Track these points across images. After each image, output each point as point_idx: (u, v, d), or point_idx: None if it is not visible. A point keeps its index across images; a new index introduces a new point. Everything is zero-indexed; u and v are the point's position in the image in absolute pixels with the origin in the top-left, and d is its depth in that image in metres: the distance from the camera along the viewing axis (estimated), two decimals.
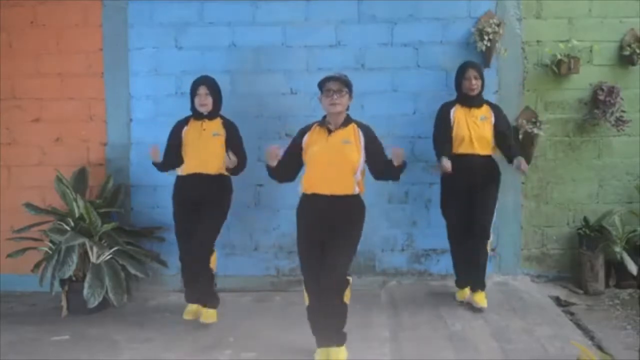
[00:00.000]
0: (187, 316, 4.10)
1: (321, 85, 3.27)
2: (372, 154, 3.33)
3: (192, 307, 4.12)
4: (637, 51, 4.56)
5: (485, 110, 4.13)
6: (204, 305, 4.05)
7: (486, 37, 4.43)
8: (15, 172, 4.87)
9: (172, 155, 4.07)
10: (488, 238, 4.15)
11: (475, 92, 4.08)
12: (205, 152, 3.98)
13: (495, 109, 4.18)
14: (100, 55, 4.74)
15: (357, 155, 3.27)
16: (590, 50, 4.66)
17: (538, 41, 4.67)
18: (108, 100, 4.76)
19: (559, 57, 4.56)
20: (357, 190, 3.30)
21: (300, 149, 3.35)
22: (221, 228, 4.09)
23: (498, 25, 4.45)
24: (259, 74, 4.70)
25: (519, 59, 4.66)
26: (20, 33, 4.79)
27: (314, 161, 3.28)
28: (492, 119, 4.10)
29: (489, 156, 4.13)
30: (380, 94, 4.67)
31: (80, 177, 4.59)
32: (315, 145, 3.29)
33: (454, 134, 4.09)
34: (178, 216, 4.11)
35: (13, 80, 4.82)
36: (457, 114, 4.11)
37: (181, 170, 4.07)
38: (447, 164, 3.98)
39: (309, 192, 3.30)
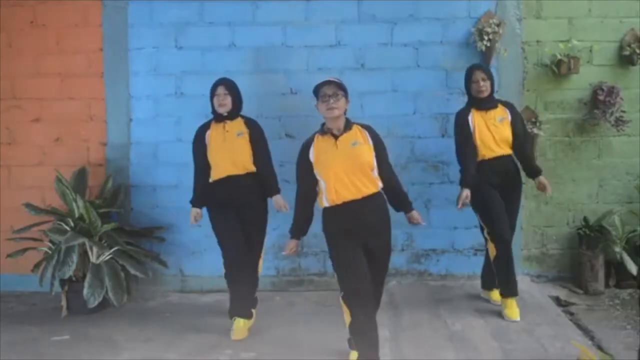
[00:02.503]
0: (237, 336, 3.83)
1: (316, 91, 3.21)
2: (379, 159, 3.25)
3: (240, 322, 3.90)
4: (637, 51, 4.56)
5: (501, 110, 4.05)
6: (238, 316, 3.92)
7: (486, 37, 4.43)
8: (15, 172, 4.87)
9: (203, 163, 3.94)
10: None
11: (485, 94, 4.00)
12: (232, 154, 3.89)
13: (510, 107, 4.10)
14: (100, 55, 4.74)
15: (370, 153, 3.20)
16: (590, 50, 4.66)
17: (538, 41, 4.67)
18: (108, 100, 4.76)
19: (559, 57, 4.56)
20: (380, 185, 3.25)
21: (310, 163, 3.22)
22: (267, 229, 4.06)
23: (498, 25, 4.45)
24: (259, 74, 4.70)
25: (519, 59, 4.66)
26: (20, 33, 4.78)
27: (328, 172, 3.17)
28: (509, 118, 4.04)
29: (512, 155, 4.07)
30: (380, 94, 4.67)
31: (80, 177, 4.59)
32: (324, 155, 3.19)
33: (477, 139, 3.99)
34: (220, 223, 3.96)
35: (13, 80, 4.82)
36: (475, 119, 4.01)
37: (211, 176, 3.97)
38: (465, 194, 3.94)
39: (339, 202, 3.15)
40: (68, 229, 4.28)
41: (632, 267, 4.40)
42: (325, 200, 3.22)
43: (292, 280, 4.76)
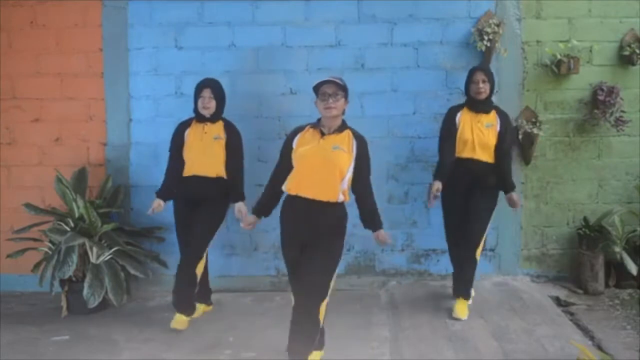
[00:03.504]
0: (176, 325, 3.99)
1: (316, 88, 3.21)
2: (358, 172, 3.23)
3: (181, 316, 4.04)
4: (637, 51, 4.56)
5: (492, 117, 4.05)
6: (176, 310, 4.00)
7: (486, 37, 4.43)
8: (15, 172, 4.87)
9: (177, 158, 4.05)
10: (477, 246, 4.09)
11: (483, 96, 4.01)
12: (205, 156, 3.98)
13: (504, 118, 4.08)
14: (100, 55, 4.74)
15: (347, 163, 3.18)
16: (590, 50, 4.66)
17: (538, 41, 4.67)
18: (108, 100, 4.76)
19: (558, 57, 4.56)
20: (341, 198, 3.20)
21: (291, 148, 3.27)
22: (215, 233, 4.06)
23: (498, 25, 4.45)
24: (259, 74, 4.70)
25: (519, 59, 4.66)
26: (20, 33, 4.78)
27: (301, 162, 3.21)
28: (498, 128, 4.03)
29: (490, 163, 4.04)
30: (380, 94, 4.67)
31: (80, 177, 4.59)
32: (305, 147, 3.21)
33: (457, 137, 4.03)
34: (177, 217, 4.12)
35: (13, 80, 4.82)
36: (463, 117, 4.05)
37: (183, 172, 4.07)
38: (437, 187, 3.97)
39: (292, 193, 3.22)
40: (68, 229, 4.28)
41: (632, 267, 4.41)
42: (286, 184, 3.27)
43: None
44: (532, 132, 4.51)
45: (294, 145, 3.26)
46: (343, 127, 3.25)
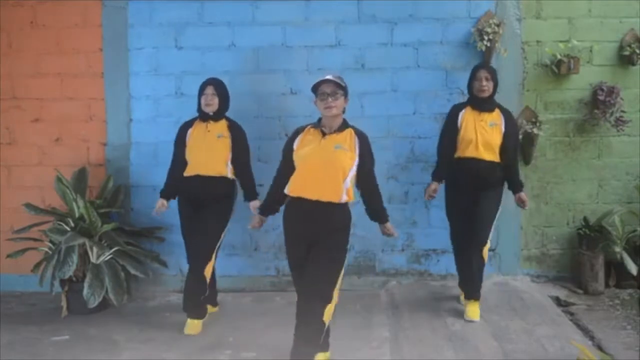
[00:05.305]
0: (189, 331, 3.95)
1: (315, 88, 3.21)
2: (362, 169, 3.23)
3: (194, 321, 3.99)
4: (637, 51, 4.56)
5: (496, 116, 3.99)
6: (187, 315, 3.95)
7: (486, 37, 4.43)
8: (15, 172, 4.87)
9: (180, 158, 4.03)
10: (484, 245, 4.04)
11: (486, 94, 3.97)
12: (208, 154, 3.95)
13: (507, 116, 4.02)
14: (100, 55, 4.74)
15: (350, 161, 3.17)
16: (590, 50, 4.66)
17: (538, 41, 4.67)
18: (108, 100, 4.76)
19: (558, 57, 4.56)
20: (344, 198, 3.18)
21: (292, 150, 3.26)
22: (222, 234, 4.01)
23: (498, 25, 4.45)
24: (259, 74, 4.70)
25: (519, 59, 4.67)
26: (20, 33, 4.79)
27: (303, 163, 3.20)
28: (503, 127, 3.96)
29: (494, 162, 3.97)
30: (380, 94, 4.67)
31: (80, 177, 4.59)
32: (306, 147, 3.21)
33: (460, 136, 3.98)
34: (182, 218, 4.08)
35: (13, 80, 4.82)
36: (466, 116, 3.99)
37: (185, 172, 4.05)
38: (433, 188, 4.10)
39: (294, 195, 3.20)
40: (68, 229, 4.28)
41: (632, 267, 4.41)
42: (288, 186, 3.25)
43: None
44: (532, 132, 4.51)
45: (295, 146, 3.26)
46: (344, 125, 3.25)
